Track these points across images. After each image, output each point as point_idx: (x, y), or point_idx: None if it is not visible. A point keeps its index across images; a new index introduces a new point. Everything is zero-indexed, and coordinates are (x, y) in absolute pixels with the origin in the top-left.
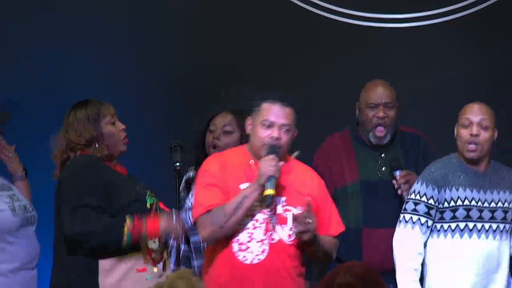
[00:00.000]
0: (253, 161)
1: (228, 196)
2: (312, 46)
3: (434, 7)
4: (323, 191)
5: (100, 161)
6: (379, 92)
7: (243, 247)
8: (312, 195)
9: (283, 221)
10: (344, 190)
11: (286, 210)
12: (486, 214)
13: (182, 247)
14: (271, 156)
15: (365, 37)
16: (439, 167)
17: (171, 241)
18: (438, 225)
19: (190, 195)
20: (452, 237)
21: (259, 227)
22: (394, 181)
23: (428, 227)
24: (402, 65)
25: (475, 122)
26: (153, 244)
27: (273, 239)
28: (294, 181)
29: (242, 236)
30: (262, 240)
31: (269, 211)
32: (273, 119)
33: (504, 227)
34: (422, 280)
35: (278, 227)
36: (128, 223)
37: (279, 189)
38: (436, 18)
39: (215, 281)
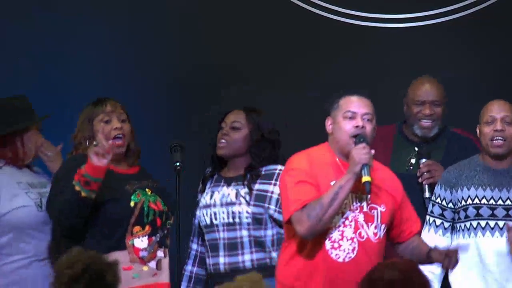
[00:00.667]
0: (338, 159)
1: (320, 192)
2: (312, 46)
3: (434, 7)
4: (402, 190)
5: (83, 158)
6: (426, 90)
7: (336, 245)
8: (394, 194)
9: (369, 219)
10: None
11: (371, 208)
12: (500, 212)
13: (195, 246)
14: (362, 145)
15: (365, 37)
16: (455, 168)
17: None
18: (457, 225)
19: (204, 194)
20: (469, 235)
21: (349, 225)
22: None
23: (445, 228)
24: (402, 65)
25: (498, 118)
26: (141, 243)
27: (362, 237)
28: (375, 179)
29: (335, 234)
30: (352, 238)
31: (356, 209)
32: (355, 109)
33: None
34: (445, 279)
35: (365, 225)
36: (74, 177)
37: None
38: (436, 18)
39: (305, 280)
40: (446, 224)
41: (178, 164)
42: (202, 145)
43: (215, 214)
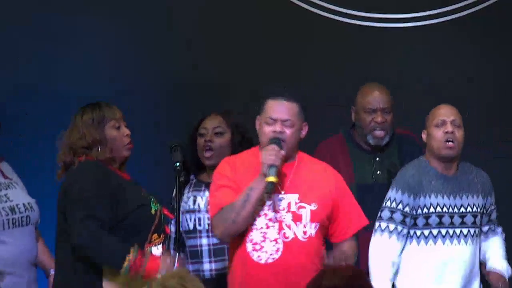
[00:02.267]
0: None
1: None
2: (312, 46)
3: (434, 7)
4: (340, 185)
5: (105, 166)
6: (376, 97)
7: (257, 246)
8: (327, 191)
9: (297, 218)
10: None
11: (300, 207)
12: (457, 220)
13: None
14: (271, 146)
15: (365, 37)
16: (413, 173)
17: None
18: (411, 231)
19: (185, 199)
20: (426, 243)
21: (272, 226)
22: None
23: (403, 235)
24: (402, 65)
25: (448, 121)
26: (157, 251)
27: (287, 237)
28: (307, 178)
29: (256, 236)
30: (276, 239)
31: (283, 209)
32: (275, 115)
33: (475, 231)
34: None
35: (292, 225)
36: (131, 255)
37: (292, 187)
38: (436, 18)
39: (233, 282)
40: (405, 231)
41: (178, 164)
42: None
43: (199, 219)
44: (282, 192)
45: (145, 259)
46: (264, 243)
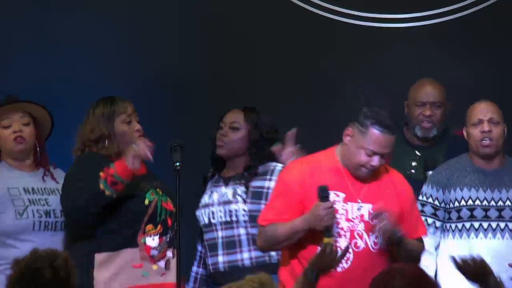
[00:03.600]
0: (343, 168)
1: (303, 204)
2: (312, 46)
3: (434, 7)
4: (409, 196)
5: (103, 158)
6: (427, 91)
7: None
8: (402, 200)
9: (370, 228)
10: None
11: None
12: (493, 213)
13: (200, 248)
14: (327, 204)
15: (365, 37)
16: (445, 168)
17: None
18: (447, 225)
19: (205, 194)
20: (460, 237)
21: (344, 235)
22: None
23: (436, 227)
24: (402, 65)
25: (485, 120)
26: (152, 241)
27: (358, 247)
28: (383, 188)
29: None
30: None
31: (356, 218)
32: (378, 150)
33: None
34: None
35: (365, 235)
36: (100, 174)
37: (368, 196)
38: (436, 18)
39: None
40: (438, 223)
41: (178, 164)
42: (202, 145)
43: (213, 213)
44: (359, 201)
45: (111, 166)
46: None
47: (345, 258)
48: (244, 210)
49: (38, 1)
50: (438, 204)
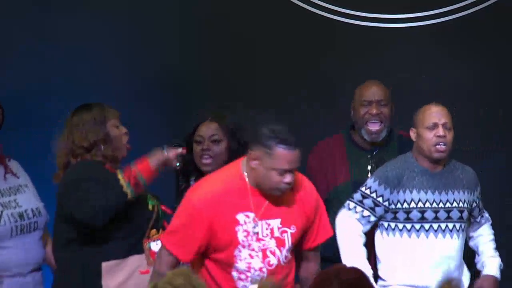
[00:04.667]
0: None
1: (211, 228)
2: (311, 46)
3: (434, 7)
4: (316, 204)
5: (99, 164)
6: (372, 90)
7: (243, 276)
8: (308, 212)
9: (281, 243)
10: (336, 191)
11: (282, 232)
12: (442, 214)
13: None
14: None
15: (365, 37)
16: (395, 167)
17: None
18: (393, 224)
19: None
20: (409, 236)
21: (256, 256)
22: None
23: (369, 221)
24: (402, 65)
25: (440, 124)
26: (156, 246)
27: (271, 265)
28: (288, 200)
29: (241, 265)
30: (260, 268)
31: (266, 236)
32: (288, 167)
33: (461, 226)
34: (376, 278)
35: (277, 251)
36: (119, 176)
37: (274, 212)
38: (436, 18)
39: None
40: (372, 219)
41: (178, 164)
42: None
43: None
44: (266, 218)
45: (132, 165)
46: (249, 273)
47: (258, 277)
48: None
49: (38, 1)
50: (381, 201)
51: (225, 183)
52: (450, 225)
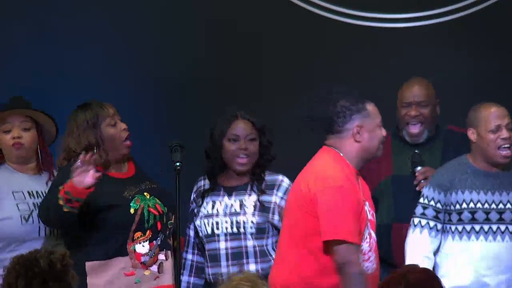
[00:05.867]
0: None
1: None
2: (311, 46)
3: (434, 7)
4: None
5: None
6: (413, 91)
7: (366, 257)
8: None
9: (373, 225)
10: (379, 187)
11: (373, 215)
12: (494, 216)
13: (190, 256)
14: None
15: (365, 37)
16: (446, 171)
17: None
18: (447, 227)
19: (205, 204)
20: (460, 239)
21: (369, 235)
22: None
23: (438, 230)
24: (402, 65)
25: (503, 126)
26: (142, 248)
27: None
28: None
29: (365, 246)
30: (375, 249)
31: (373, 216)
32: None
33: None
34: None
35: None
36: (60, 187)
37: (366, 195)
38: (436, 18)
39: None
40: (439, 226)
41: (178, 164)
42: (202, 145)
43: (217, 223)
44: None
45: (67, 182)
46: (370, 253)
47: (375, 259)
48: (253, 223)
49: (38, 1)
50: (440, 207)
51: (346, 169)
52: (502, 227)
